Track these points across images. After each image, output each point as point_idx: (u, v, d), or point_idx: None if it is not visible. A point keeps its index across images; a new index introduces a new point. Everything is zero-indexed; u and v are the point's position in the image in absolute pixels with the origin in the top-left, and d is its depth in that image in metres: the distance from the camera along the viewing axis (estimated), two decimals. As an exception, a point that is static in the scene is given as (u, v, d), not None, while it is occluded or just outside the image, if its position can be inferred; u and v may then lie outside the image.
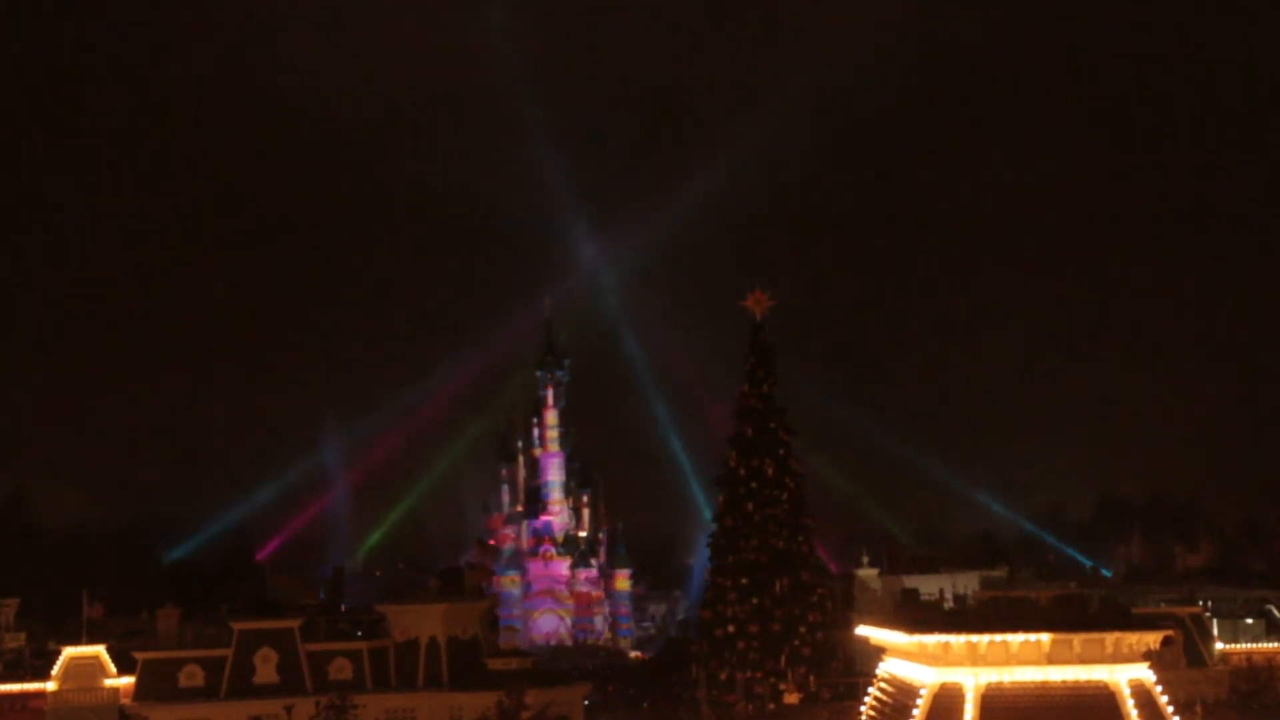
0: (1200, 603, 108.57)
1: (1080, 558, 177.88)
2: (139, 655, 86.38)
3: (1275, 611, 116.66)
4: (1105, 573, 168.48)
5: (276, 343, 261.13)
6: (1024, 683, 45.03)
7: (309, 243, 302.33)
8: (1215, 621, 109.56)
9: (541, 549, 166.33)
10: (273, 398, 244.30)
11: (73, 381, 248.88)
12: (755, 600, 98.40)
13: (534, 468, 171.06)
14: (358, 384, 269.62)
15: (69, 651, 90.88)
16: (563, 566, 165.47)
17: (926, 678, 45.84)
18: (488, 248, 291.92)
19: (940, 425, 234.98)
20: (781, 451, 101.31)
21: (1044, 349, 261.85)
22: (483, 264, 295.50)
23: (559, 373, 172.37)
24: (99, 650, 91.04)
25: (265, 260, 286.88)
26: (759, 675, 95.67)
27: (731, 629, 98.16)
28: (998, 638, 45.13)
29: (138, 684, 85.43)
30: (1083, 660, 45.04)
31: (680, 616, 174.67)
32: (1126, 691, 44.80)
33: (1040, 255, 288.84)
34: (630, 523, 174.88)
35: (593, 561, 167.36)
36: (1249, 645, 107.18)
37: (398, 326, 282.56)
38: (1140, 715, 44.58)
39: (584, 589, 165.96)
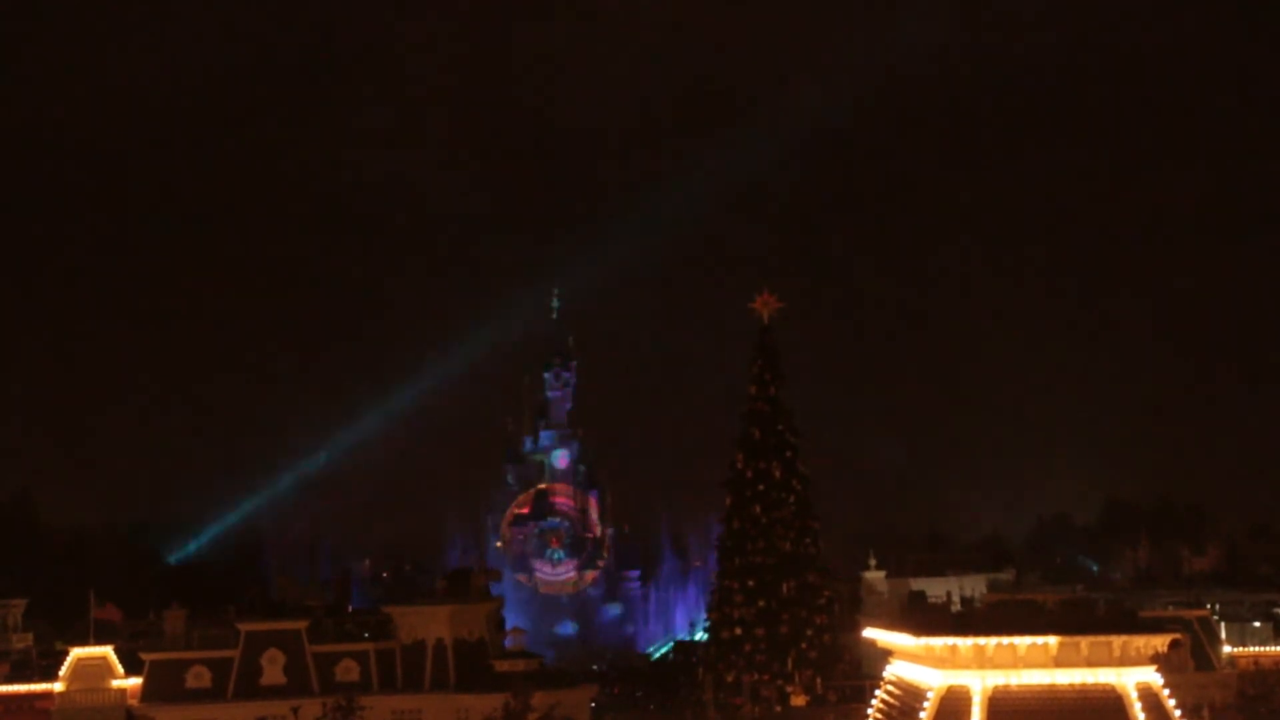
0: (1208, 606, 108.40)
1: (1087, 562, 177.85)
2: (146, 656, 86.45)
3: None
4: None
5: (280, 342, 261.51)
6: (1031, 685, 44.98)
7: (311, 243, 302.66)
8: (1223, 625, 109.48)
9: (549, 550, 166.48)
10: (277, 397, 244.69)
11: (78, 383, 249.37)
12: (762, 603, 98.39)
13: (541, 469, 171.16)
14: (362, 383, 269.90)
15: (76, 652, 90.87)
16: (570, 568, 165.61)
17: (933, 680, 45.80)
18: (495, 247, 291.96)
19: (948, 428, 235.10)
20: (788, 454, 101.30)
21: (1051, 352, 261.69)
22: (489, 264, 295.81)
23: (566, 374, 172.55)
24: (106, 651, 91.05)
25: (267, 261, 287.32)
26: (766, 678, 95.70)
27: (738, 631, 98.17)
28: (1005, 641, 45.09)
29: (145, 685, 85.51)
30: (1090, 663, 44.99)
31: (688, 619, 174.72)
32: (1134, 695, 44.74)
33: (1046, 258, 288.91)
34: (637, 524, 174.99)
35: (600, 563, 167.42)
36: (1256, 649, 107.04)
37: (402, 325, 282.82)
38: (1148, 718, 44.52)
39: (591, 590, 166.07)
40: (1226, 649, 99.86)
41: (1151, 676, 45.40)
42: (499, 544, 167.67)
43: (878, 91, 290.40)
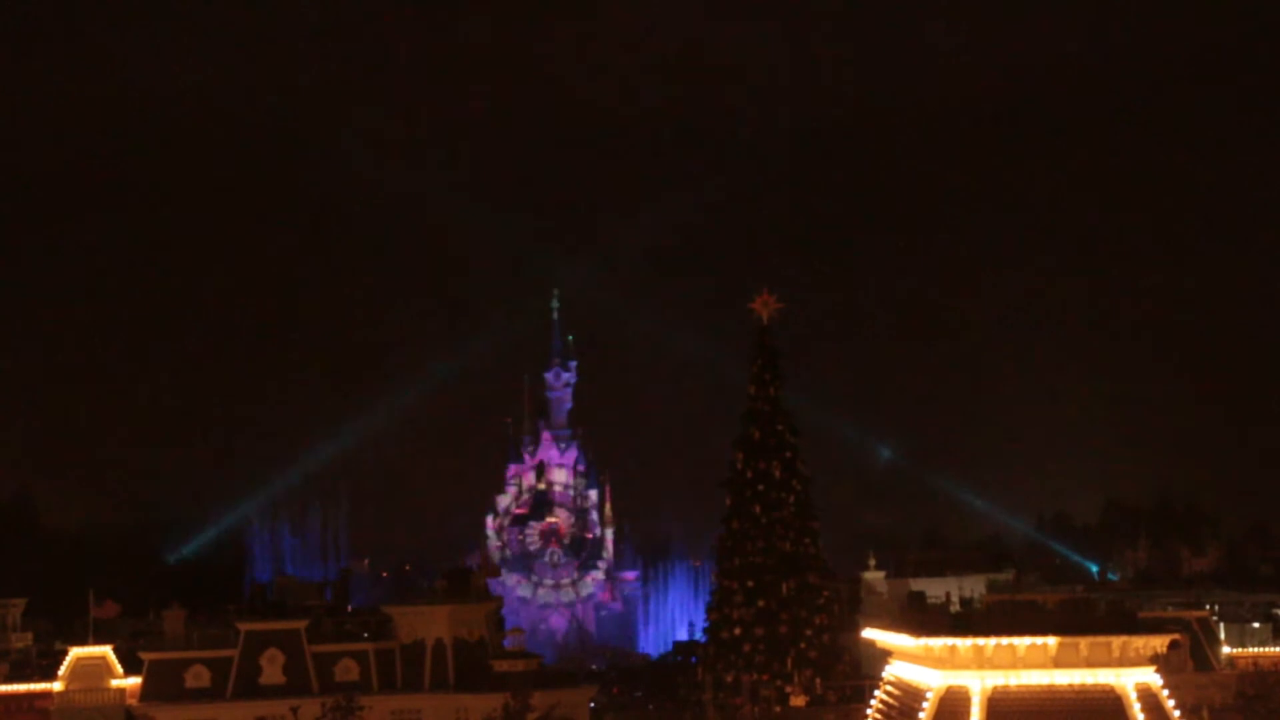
0: (1207, 607, 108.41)
1: (1086, 563, 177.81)
2: (145, 656, 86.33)
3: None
4: (1111, 576, 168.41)
5: (279, 343, 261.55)
6: (1030, 686, 44.99)
7: (310, 241, 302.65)
8: (1222, 625, 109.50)
9: (549, 550, 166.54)
10: (277, 397, 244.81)
11: (79, 382, 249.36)
12: (762, 603, 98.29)
13: (541, 469, 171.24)
14: (362, 383, 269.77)
15: (76, 652, 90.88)
16: (570, 568, 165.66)
17: (933, 681, 45.81)
18: (495, 247, 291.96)
19: (947, 428, 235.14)
20: (788, 454, 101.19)
21: (1050, 352, 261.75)
22: (490, 264, 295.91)
23: (566, 374, 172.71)
24: (106, 651, 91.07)
25: (266, 259, 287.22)
26: (765, 678, 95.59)
27: (738, 631, 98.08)
28: (1004, 641, 45.09)
29: (144, 684, 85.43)
30: (1089, 664, 45.00)
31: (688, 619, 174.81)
32: (1133, 695, 44.74)
33: (1045, 259, 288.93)
34: (638, 524, 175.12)
35: (600, 563, 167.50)
36: (1256, 649, 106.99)
37: (402, 325, 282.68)
38: (1147, 719, 44.53)
39: (591, 591, 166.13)
40: (1226, 650, 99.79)
41: (1151, 677, 45.40)
42: (499, 543, 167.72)
43: (876, 90, 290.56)
